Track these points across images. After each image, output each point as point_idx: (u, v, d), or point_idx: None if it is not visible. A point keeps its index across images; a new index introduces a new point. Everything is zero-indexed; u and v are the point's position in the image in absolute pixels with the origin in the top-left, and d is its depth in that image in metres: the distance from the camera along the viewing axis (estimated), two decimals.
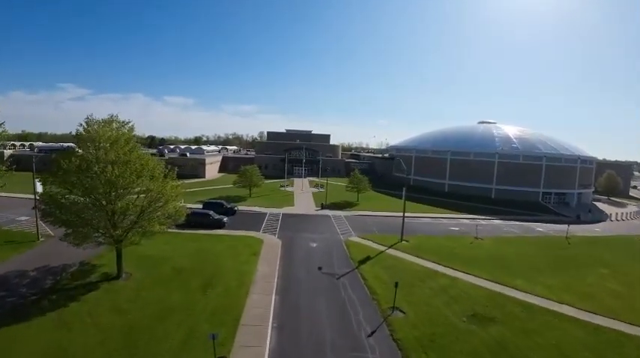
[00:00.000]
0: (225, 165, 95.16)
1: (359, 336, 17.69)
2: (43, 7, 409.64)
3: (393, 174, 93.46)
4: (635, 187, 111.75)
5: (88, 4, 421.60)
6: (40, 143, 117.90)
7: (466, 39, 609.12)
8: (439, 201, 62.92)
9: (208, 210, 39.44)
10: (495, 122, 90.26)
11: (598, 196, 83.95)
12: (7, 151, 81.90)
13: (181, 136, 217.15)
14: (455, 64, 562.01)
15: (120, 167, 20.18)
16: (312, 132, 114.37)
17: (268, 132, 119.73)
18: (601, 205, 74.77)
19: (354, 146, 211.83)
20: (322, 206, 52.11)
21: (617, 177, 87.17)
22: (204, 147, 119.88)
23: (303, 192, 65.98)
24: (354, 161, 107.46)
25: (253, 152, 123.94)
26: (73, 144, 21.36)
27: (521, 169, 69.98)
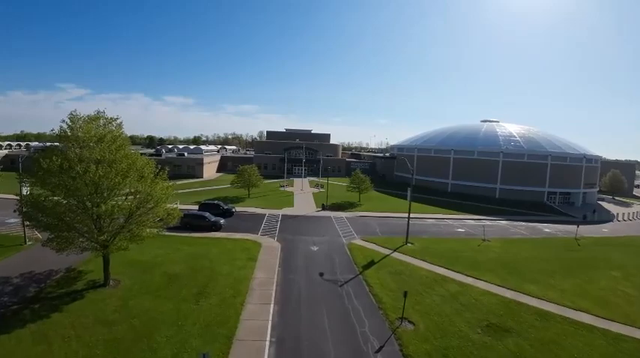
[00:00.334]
0: (224, 165, 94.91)
1: (366, 352, 16.19)
2: (44, 7, 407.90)
3: (394, 173, 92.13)
4: (638, 186, 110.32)
5: (88, 4, 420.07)
6: (36, 143, 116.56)
7: (466, 39, 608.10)
8: (442, 201, 61.47)
9: (204, 212, 38.10)
10: (498, 121, 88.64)
11: (602, 196, 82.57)
12: (1, 151, 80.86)
13: (180, 136, 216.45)
14: (455, 63, 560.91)
15: (105, 167, 18.68)
16: (312, 132, 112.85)
17: (268, 132, 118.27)
18: (606, 205, 73.35)
19: (354, 146, 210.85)
20: (323, 207, 50.41)
21: (622, 176, 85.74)
22: (202, 147, 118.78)
23: (303, 193, 64.49)
24: (354, 160, 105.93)
25: (253, 152, 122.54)
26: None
27: (526, 168, 68.44)
